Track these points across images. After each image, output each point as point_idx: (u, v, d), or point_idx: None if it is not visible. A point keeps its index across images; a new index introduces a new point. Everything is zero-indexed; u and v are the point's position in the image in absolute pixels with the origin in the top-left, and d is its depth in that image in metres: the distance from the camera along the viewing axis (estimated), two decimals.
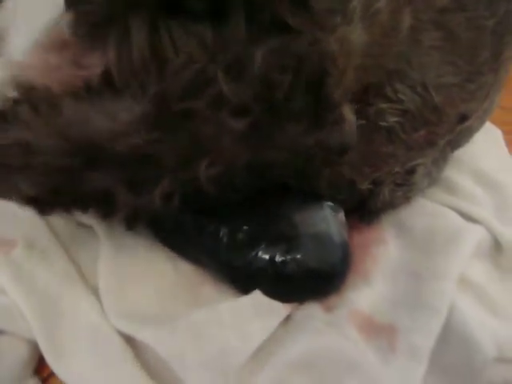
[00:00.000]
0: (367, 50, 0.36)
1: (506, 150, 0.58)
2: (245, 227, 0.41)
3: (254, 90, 0.30)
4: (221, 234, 0.41)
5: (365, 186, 0.43)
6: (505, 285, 0.45)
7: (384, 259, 0.45)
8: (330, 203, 0.43)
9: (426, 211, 0.47)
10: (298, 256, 0.39)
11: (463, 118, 0.44)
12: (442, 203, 0.48)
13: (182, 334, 0.38)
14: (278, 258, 0.40)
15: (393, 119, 0.40)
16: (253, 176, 0.35)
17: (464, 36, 0.40)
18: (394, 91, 0.39)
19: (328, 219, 0.42)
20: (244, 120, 0.30)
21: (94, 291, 0.41)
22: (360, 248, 0.45)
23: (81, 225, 0.44)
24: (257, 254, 0.40)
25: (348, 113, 0.34)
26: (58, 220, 0.43)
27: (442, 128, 0.43)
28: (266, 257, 0.40)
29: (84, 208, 0.34)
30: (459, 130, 0.45)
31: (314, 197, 0.43)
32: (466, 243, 0.43)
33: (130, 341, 0.39)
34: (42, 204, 0.34)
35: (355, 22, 0.33)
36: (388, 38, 0.37)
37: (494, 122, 0.62)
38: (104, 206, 0.34)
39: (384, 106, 0.39)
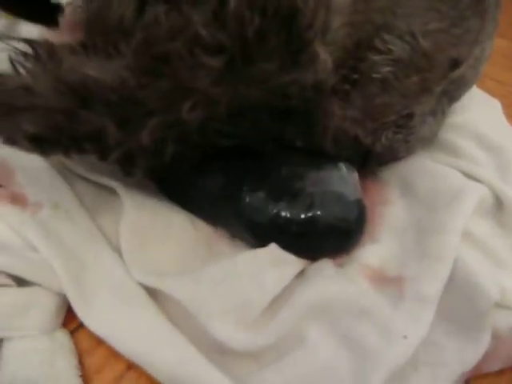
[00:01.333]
0: (353, 7, 0.39)
1: (505, 119, 0.60)
2: (265, 185, 0.43)
3: (227, 28, 0.32)
4: (243, 192, 0.43)
5: (369, 139, 0.45)
6: (507, 241, 0.47)
7: (390, 218, 0.48)
8: (344, 163, 0.45)
9: (429, 172, 0.49)
10: (318, 213, 0.41)
11: (455, 64, 0.46)
12: (445, 164, 0.50)
13: (204, 284, 0.40)
14: (298, 215, 0.42)
15: (385, 69, 0.42)
16: (235, 119, 0.38)
17: None
18: (383, 42, 0.41)
19: (344, 178, 0.44)
20: (219, 58, 0.33)
21: (116, 249, 0.43)
22: (367, 208, 0.47)
23: (103, 187, 0.46)
24: (278, 211, 0.42)
25: (322, 52, 0.36)
26: (81, 183, 0.46)
27: (434, 74, 0.44)
28: (287, 214, 0.42)
29: (81, 148, 0.37)
30: (453, 77, 0.47)
31: (327, 157, 0.45)
32: (468, 199, 0.45)
33: (152, 295, 0.41)
34: (43, 143, 0.36)
35: None
36: None
37: (493, 95, 0.65)
38: (98, 145, 0.37)
39: (375, 58, 0.42)
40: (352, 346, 0.38)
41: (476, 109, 0.58)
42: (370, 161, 0.47)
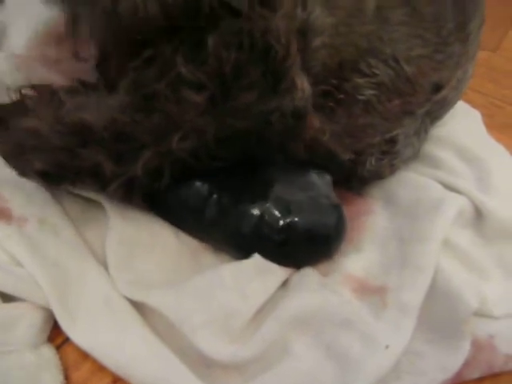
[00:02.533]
0: (335, 30, 0.41)
1: (485, 130, 0.61)
2: (244, 197, 0.44)
3: (206, 67, 0.35)
4: (222, 205, 0.44)
5: (347, 156, 0.46)
6: (488, 251, 0.48)
7: (373, 228, 0.49)
8: (314, 170, 0.46)
9: (411, 183, 0.50)
10: (295, 219, 0.42)
11: (437, 88, 0.47)
12: (426, 176, 0.51)
13: (188, 297, 0.40)
14: (277, 223, 0.42)
15: (369, 92, 0.44)
16: (224, 145, 0.40)
17: (427, 11, 0.44)
18: (368, 66, 0.43)
19: (316, 183, 0.45)
20: (201, 94, 0.36)
21: (102, 263, 0.43)
22: (350, 219, 0.47)
23: (90, 202, 0.46)
24: (258, 221, 0.43)
25: (301, 81, 0.38)
26: (68, 198, 0.46)
27: (416, 98, 0.46)
28: (267, 223, 0.43)
29: (83, 181, 0.41)
30: (435, 99, 0.48)
31: (300, 166, 0.46)
32: (448, 209, 0.46)
33: (138, 308, 0.41)
34: (51, 177, 0.41)
35: (314, 7, 0.39)
36: (354, 18, 0.42)
37: (473, 106, 0.66)
38: (98, 178, 0.41)
39: (360, 80, 0.44)
40: (336, 356, 0.39)
41: (456, 120, 0.60)
42: (352, 183, 0.49)
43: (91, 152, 0.39)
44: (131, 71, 0.36)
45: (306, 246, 0.44)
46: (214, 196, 0.44)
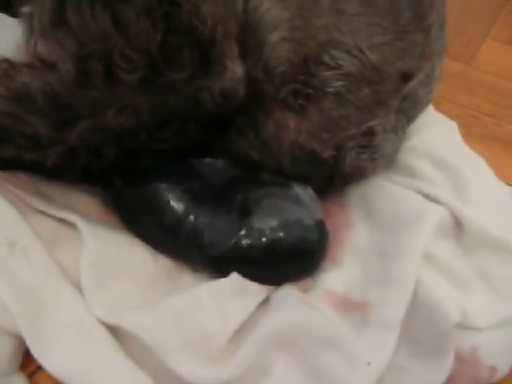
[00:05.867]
0: (292, 24, 0.42)
1: (461, 139, 0.62)
2: (222, 216, 0.43)
3: (134, 46, 0.36)
4: (200, 226, 0.43)
5: (327, 153, 0.46)
6: (468, 261, 0.48)
7: (353, 241, 0.48)
8: (297, 182, 0.46)
9: (389, 194, 0.50)
10: (280, 235, 0.42)
11: (405, 77, 0.48)
12: (404, 186, 0.51)
13: (164, 318, 0.39)
14: (259, 241, 0.42)
15: (337, 84, 0.44)
16: (160, 125, 0.42)
17: (381, 0, 0.45)
18: (332, 58, 0.44)
19: (299, 197, 0.45)
20: (133, 74, 0.37)
21: (77, 286, 0.42)
22: (330, 233, 0.47)
23: (62, 222, 0.45)
24: (238, 240, 0.42)
25: (232, 64, 0.40)
26: (39, 218, 0.44)
27: (385, 86, 0.46)
28: (247, 241, 0.42)
29: (27, 148, 0.42)
30: (406, 92, 0.48)
31: (282, 179, 0.47)
32: (428, 221, 0.46)
33: (114, 333, 0.40)
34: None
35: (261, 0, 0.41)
36: (309, 11, 0.43)
37: (449, 117, 0.67)
38: (38, 145, 0.42)
39: (326, 73, 0.44)
40: (317, 375, 0.38)
41: (431, 130, 0.60)
42: (337, 182, 0.49)
43: (31, 117, 0.40)
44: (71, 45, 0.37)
45: (289, 262, 0.43)
46: (191, 217, 0.43)
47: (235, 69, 0.40)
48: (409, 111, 0.51)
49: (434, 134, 0.60)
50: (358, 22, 0.44)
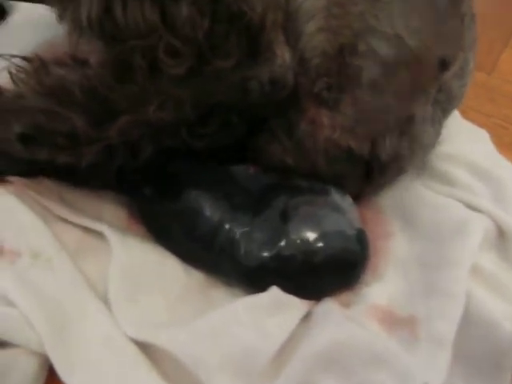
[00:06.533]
0: (328, 12, 0.41)
1: (493, 147, 0.60)
2: (259, 226, 0.41)
3: (181, 36, 0.35)
4: (237, 236, 0.40)
5: (364, 150, 0.44)
6: None
7: (393, 252, 0.45)
8: (335, 188, 0.44)
9: (429, 202, 0.47)
10: (320, 245, 0.39)
11: (443, 64, 0.45)
12: (444, 194, 0.48)
13: (201, 335, 0.36)
14: (299, 252, 0.39)
15: (373, 72, 0.42)
16: (203, 118, 0.40)
17: None
18: (368, 46, 0.42)
19: (340, 206, 0.42)
20: (179, 67, 0.36)
21: (103, 298, 0.39)
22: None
23: (87, 232, 0.42)
24: (277, 252, 0.39)
25: (281, 50, 0.39)
26: (64, 227, 0.42)
27: (424, 73, 0.44)
28: (287, 253, 0.39)
29: (61, 146, 0.40)
30: (442, 82, 0.46)
31: (321, 185, 0.44)
32: (474, 231, 0.43)
33: (144, 350, 0.37)
34: (30, 142, 0.40)
35: None
36: None
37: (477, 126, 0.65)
38: (74, 142, 0.39)
39: (361, 62, 0.42)
40: None
41: (464, 137, 0.58)
42: (374, 174, 0.46)
43: (67, 112, 0.38)
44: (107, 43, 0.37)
45: (330, 274, 0.41)
46: (226, 226, 0.41)
47: (284, 56, 0.39)
48: (444, 104, 0.48)
49: (467, 142, 0.57)
50: (394, 7, 0.42)
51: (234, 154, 0.45)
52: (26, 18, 0.60)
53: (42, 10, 0.60)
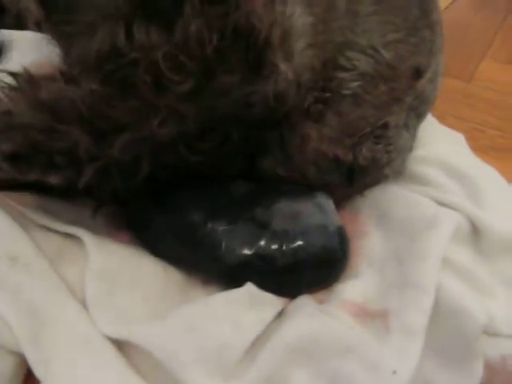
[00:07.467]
0: (315, 29, 0.42)
1: (469, 149, 0.61)
2: (241, 225, 0.42)
3: (188, 50, 0.35)
4: (218, 234, 0.41)
5: (349, 157, 0.45)
6: (489, 267, 0.46)
7: (368, 250, 0.46)
8: (319, 192, 0.45)
9: (402, 200, 0.48)
10: (301, 244, 0.40)
11: (417, 73, 0.48)
12: (418, 193, 0.49)
13: (174, 330, 0.37)
14: (280, 251, 0.40)
15: (354, 84, 0.44)
16: (205, 133, 0.40)
17: None
18: (347, 60, 0.44)
19: (322, 206, 0.43)
20: (186, 82, 0.35)
21: (82, 302, 0.40)
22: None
23: (67, 238, 0.43)
24: (259, 250, 0.40)
25: (282, 64, 0.39)
26: (41, 233, 0.43)
27: (400, 83, 0.46)
28: (269, 251, 0.40)
29: (57, 166, 0.38)
30: (417, 90, 0.48)
31: (304, 189, 0.45)
32: (445, 225, 0.44)
33: (122, 349, 0.38)
34: (21, 162, 0.38)
35: (294, 7, 0.39)
36: (329, 14, 0.43)
37: (455, 130, 0.66)
38: (73, 161, 0.38)
39: (343, 75, 0.44)
40: None
41: (440, 141, 0.59)
42: (355, 177, 0.47)
43: (68, 129, 0.36)
44: (105, 60, 0.35)
45: (312, 271, 0.42)
46: (209, 225, 0.41)
47: (287, 71, 0.39)
48: (418, 108, 0.50)
49: (443, 145, 0.59)
50: (371, 21, 0.44)
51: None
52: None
53: (30, 35, 0.63)
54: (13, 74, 0.39)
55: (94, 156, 0.38)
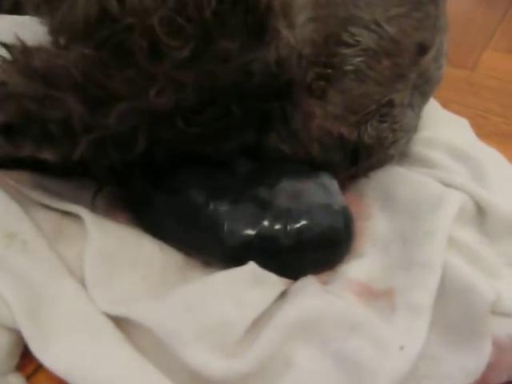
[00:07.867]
0: (317, 2, 0.41)
1: (473, 134, 0.60)
2: (243, 206, 0.40)
3: (185, 14, 0.33)
4: (220, 214, 0.40)
5: (354, 136, 0.44)
6: (494, 248, 0.45)
7: (373, 232, 0.45)
8: (324, 172, 0.44)
9: (408, 181, 0.47)
10: (305, 224, 0.39)
11: (421, 49, 0.47)
12: (423, 175, 0.49)
13: (175, 307, 0.36)
14: (284, 231, 0.39)
15: (356, 60, 0.43)
16: (203, 103, 0.38)
17: None
18: (350, 35, 0.43)
19: (326, 186, 0.43)
20: (183, 49, 0.34)
21: (80, 280, 0.39)
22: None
23: (66, 216, 0.42)
24: (262, 230, 0.39)
25: (284, 30, 0.37)
26: (40, 210, 0.42)
27: (404, 59, 0.46)
28: (273, 232, 0.39)
29: (51, 136, 0.37)
30: (421, 67, 0.47)
31: (308, 169, 0.44)
32: (450, 205, 0.43)
33: (120, 326, 0.37)
34: (15, 134, 0.37)
35: None
36: None
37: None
38: (67, 131, 0.36)
39: (346, 51, 0.43)
40: (346, 363, 0.34)
41: (444, 124, 0.59)
42: (360, 157, 0.46)
43: (62, 96, 0.35)
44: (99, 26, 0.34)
45: (316, 251, 0.41)
46: (211, 205, 0.40)
47: (289, 36, 0.38)
48: (422, 87, 0.50)
49: (448, 128, 0.58)
50: None
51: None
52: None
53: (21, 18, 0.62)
54: (7, 46, 0.37)
55: (89, 126, 0.36)
